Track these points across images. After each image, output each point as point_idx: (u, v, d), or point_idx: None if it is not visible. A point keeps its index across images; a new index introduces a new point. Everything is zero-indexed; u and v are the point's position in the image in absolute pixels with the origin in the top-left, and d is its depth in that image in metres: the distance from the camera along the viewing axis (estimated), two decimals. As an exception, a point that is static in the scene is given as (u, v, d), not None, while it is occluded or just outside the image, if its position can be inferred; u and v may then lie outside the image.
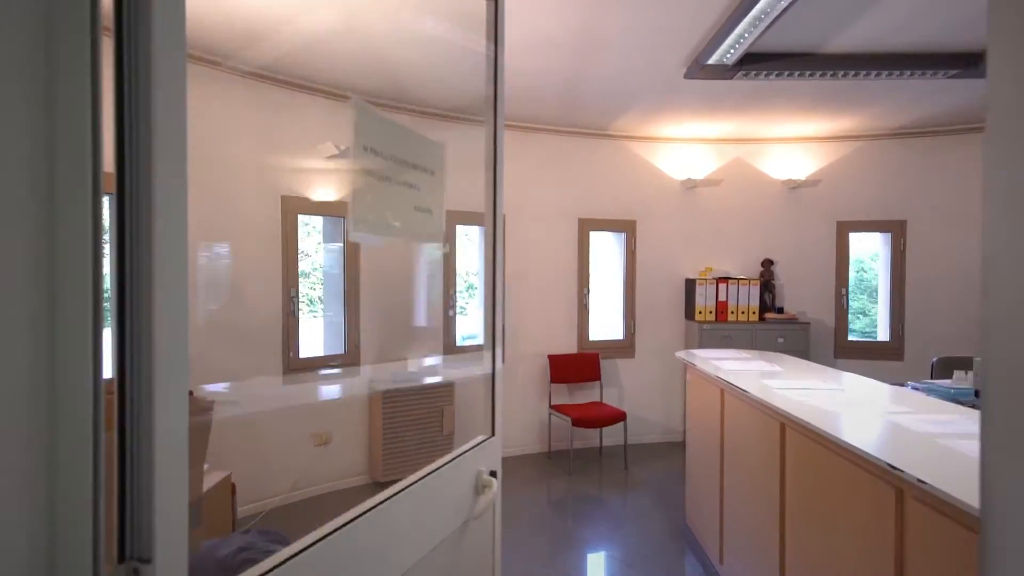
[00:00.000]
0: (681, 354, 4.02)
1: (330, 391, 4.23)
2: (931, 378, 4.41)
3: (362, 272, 4.39)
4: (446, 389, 4.57)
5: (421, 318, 4.73)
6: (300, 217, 3.99)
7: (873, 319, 5.83)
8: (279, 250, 3.87)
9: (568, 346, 5.39)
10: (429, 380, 4.54)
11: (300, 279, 4.06)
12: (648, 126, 5.26)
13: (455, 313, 4.87)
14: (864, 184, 5.44)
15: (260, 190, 3.84)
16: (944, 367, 4.43)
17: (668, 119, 5.03)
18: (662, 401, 5.65)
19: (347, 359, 4.31)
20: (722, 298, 5.35)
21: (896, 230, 5.38)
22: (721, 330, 5.26)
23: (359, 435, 4.41)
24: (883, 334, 5.50)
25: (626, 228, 5.50)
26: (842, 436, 1.91)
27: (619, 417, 4.86)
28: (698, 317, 5.34)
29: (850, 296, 5.57)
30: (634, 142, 5.48)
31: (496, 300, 1.52)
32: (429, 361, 4.77)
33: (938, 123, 5.04)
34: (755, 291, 5.34)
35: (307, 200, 4.04)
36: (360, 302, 4.39)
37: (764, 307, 5.44)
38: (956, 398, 3.18)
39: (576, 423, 4.74)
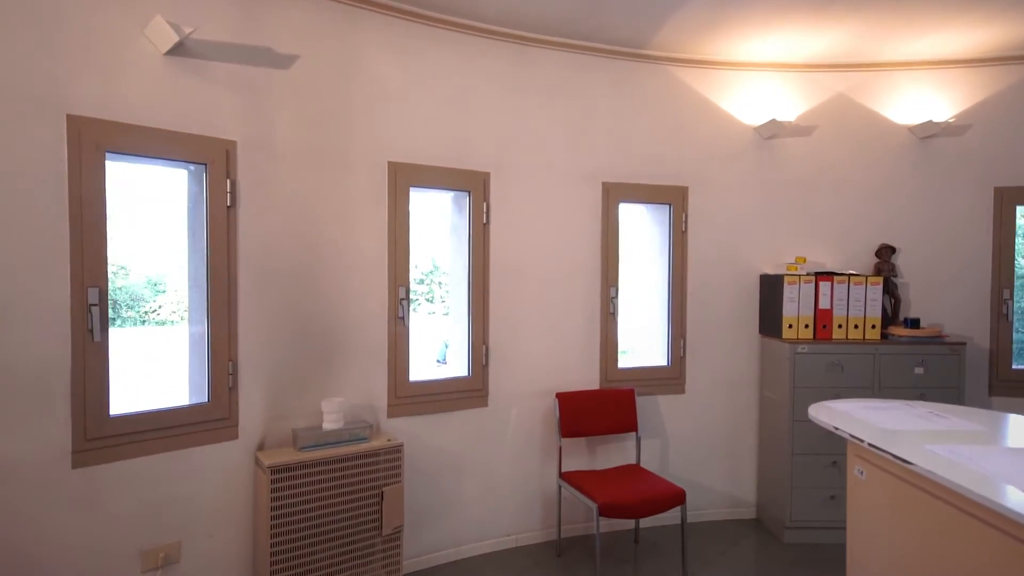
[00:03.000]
0: (826, 417, 2.17)
1: (176, 469, 2.37)
2: None
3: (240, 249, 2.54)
4: (390, 457, 2.72)
5: (350, 329, 2.87)
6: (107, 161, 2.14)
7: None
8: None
9: (587, 378, 3.52)
10: (357, 443, 2.67)
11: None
12: (706, 42, 3.41)
13: (405, 315, 3.01)
14: (1038, 130, 3.57)
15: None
16: None
17: (735, 31, 3.19)
18: (727, 459, 3.76)
19: (213, 411, 2.46)
20: (824, 304, 3.47)
21: (1089, 200, 3.51)
22: (825, 353, 3.39)
23: (232, 543, 2.54)
24: (1064, 359, 3.62)
25: (673, 199, 3.64)
26: None
27: (674, 500, 2.99)
28: (787, 334, 3.47)
29: (1015, 302, 3.68)
30: (683, 67, 3.63)
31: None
32: (359, 405, 2.90)
33: None
34: (876, 293, 3.47)
35: (117, 126, 2.19)
36: (240, 306, 2.54)
37: (886, 318, 3.56)
38: None
39: (606, 511, 2.86)
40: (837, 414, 2.23)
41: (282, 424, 2.66)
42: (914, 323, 3.48)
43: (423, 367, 3.52)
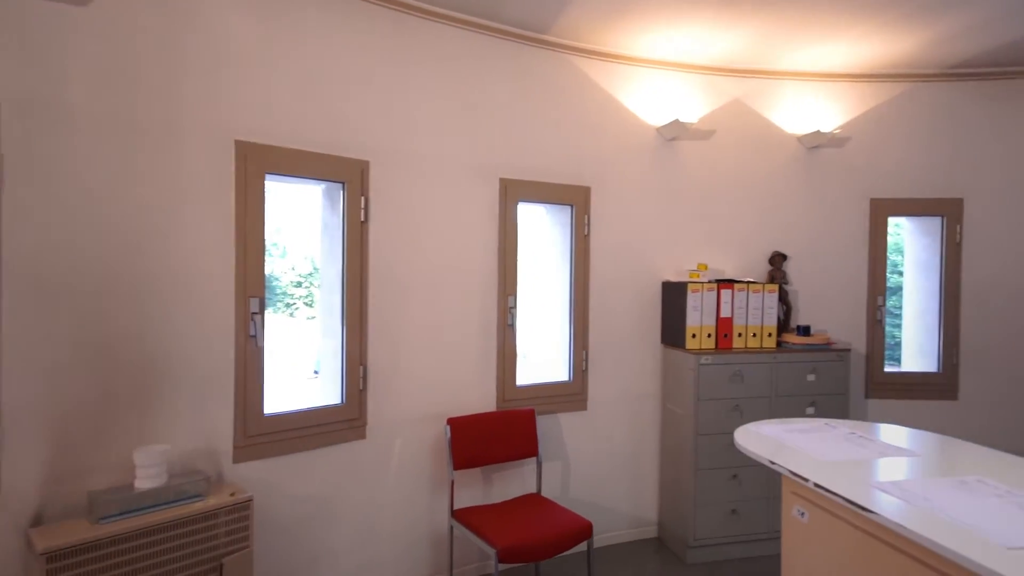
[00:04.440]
0: (756, 446, 1.93)
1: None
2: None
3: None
4: (234, 516, 2.13)
5: (181, 354, 2.23)
6: None
7: (898, 340, 4.24)
8: None
9: (482, 399, 3.12)
10: (188, 503, 2.05)
11: None
12: (609, 32, 3.16)
13: (258, 333, 2.41)
14: (910, 145, 3.74)
15: None
16: None
17: (638, 23, 2.96)
18: (629, 477, 3.55)
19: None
20: (725, 313, 3.36)
21: (950, 212, 3.73)
22: (727, 364, 3.26)
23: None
24: (927, 362, 3.83)
25: (575, 199, 3.35)
26: None
27: (581, 534, 2.67)
28: (691, 344, 3.31)
29: (887, 308, 3.82)
30: (587, 59, 3.35)
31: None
32: (194, 452, 2.27)
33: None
34: (772, 301, 3.42)
35: None
36: (2, 332, 1.83)
37: (780, 326, 3.53)
38: None
39: (506, 557, 2.47)
40: (765, 441, 2.02)
41: (74, 486, 1.96)
42: (805, 330, 3.47)
43: (291, 391, 2.91)
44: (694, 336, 3.30)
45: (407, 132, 2.85)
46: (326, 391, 2.73)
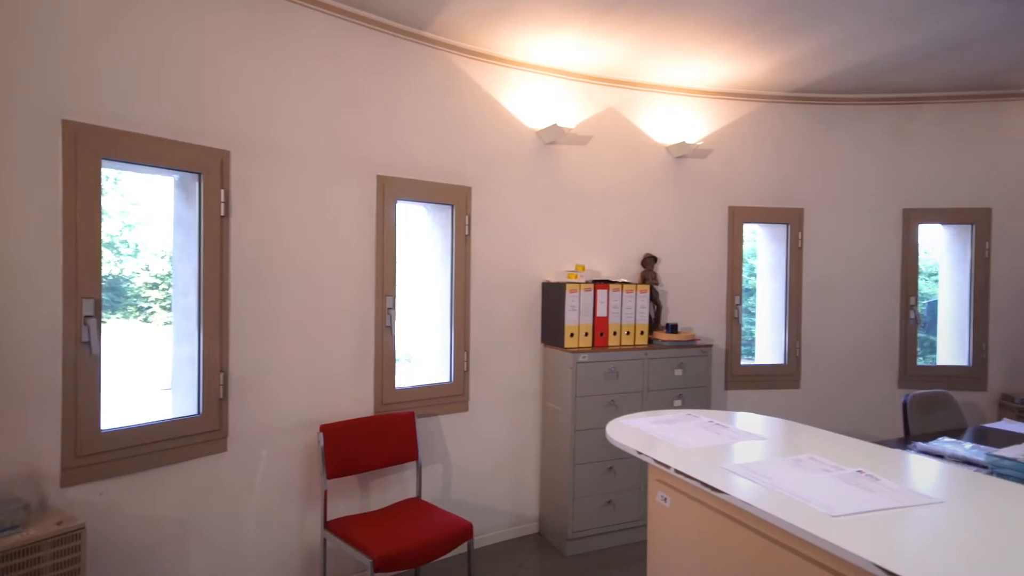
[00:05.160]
0: (622, 437, 2.01)
1: None
2: (906, 424, 3.10)
3: None
4: (61, 548, 1.88)
5: (-3, 374, 1.92)
6: None
7: (753, 336, 4.65)
8: None
9: (359, 404, 3.00)
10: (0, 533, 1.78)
11: None
12: (489, 34, 3.18)
13: (92, 339, 2.14)
14: (761, 159, 4.11)
15: None
16: (927, 411, 3.16)
17: (519, 26, 3.02)
18: (511, 476, 3.58)
19: None
20: (601, 312, 3.49)
21: (793, 220, 4.15)
22: (603, 361, 3.39)
23: None
24: (776, 356, 4.23)
25: (456, 199, 3.33)
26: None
27: (461, 536, 2.65)
28: (569, 343, 3.40)
29: (743, 307, 4.18)
30: (468, 59, 3.35)
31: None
32: (11, 476, 1.97)
33: (864, 87, 3.91)
34: (644, 301, 3.61)
35: None
36: None
37: (651, 324, 3.74)
38: None
39: (382, 565, 2.38)
40: (633, 433, 2.11)
41: None
42: (673, 328, 3.70)
43: (142, 404, 2.63)
44: (572, 335, 3.40)
45: (275, 122, 2.67)
46: (180, 402, 2.49)
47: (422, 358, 3.48)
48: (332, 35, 2.85)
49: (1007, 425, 3.01)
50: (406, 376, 3.42)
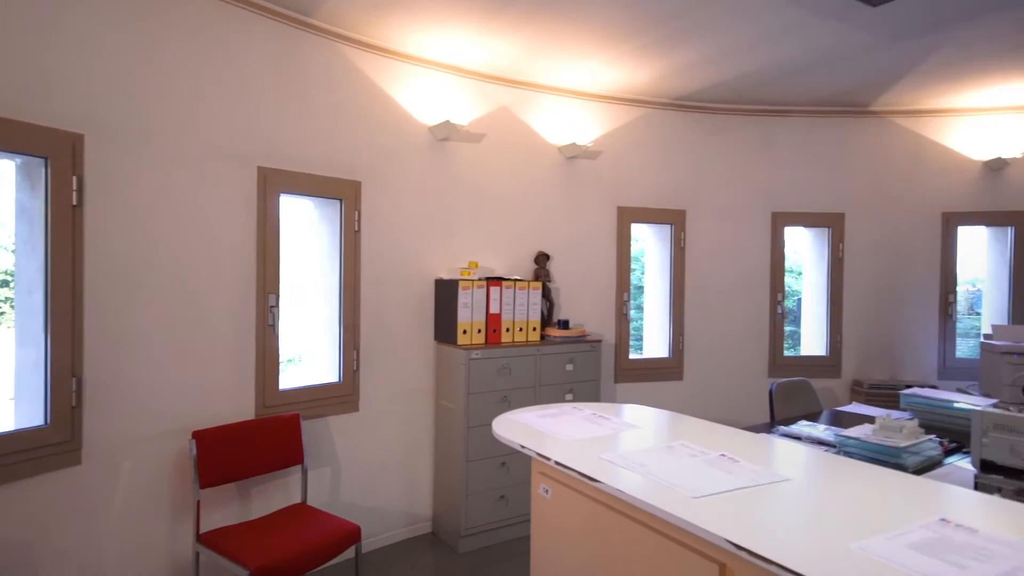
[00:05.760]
0: (508, 432, 2.03)
1: None
2: (772, 410, 3.38)
3: None
4: None
5: None
6: None
7: (642, 331, 4.87)
8: None
9: (239, 407, 2.83)
10: None
11: None
12: (380, 26, 3.11)
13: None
14: (647, 162, 4.32)
15: None
16: (789, 397, 3.44)
17: (410, 20, 2.97)
18: (404, 476, 3.52)
19: None
20: (494, 309, 3.52)
21: (677, 221, 4.40)
22: (496, 358, 3.43)
23: None
24: (662, 349, 4.47)
25: (345, 194, 3.23)
26: None
27: (348, 539, 2.57)
28: (462, 340, 3.40)
29: (631, 303, 4.37)
30: (359, 51, 3.26)
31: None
32: None
33: (739, 97, 4.20)
34: (536, 298, 3.68)
35: None
36: None
37: (543, 321, 3.82)
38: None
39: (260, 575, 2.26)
40: (519, 427, 2.15)
41: None
42: (565, 324, 3.81)
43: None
44: (465, 332, 3.40)
45: (140, 105, 2.46)
46: (25, 411, 2.23)
47: (311, 358, 3.35)
48: (213, 18, 2.67)
49: (856, 408, 3.36)
50: (294, 377, 3.28)
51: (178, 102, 2.58)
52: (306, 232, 3.33)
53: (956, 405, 2.75)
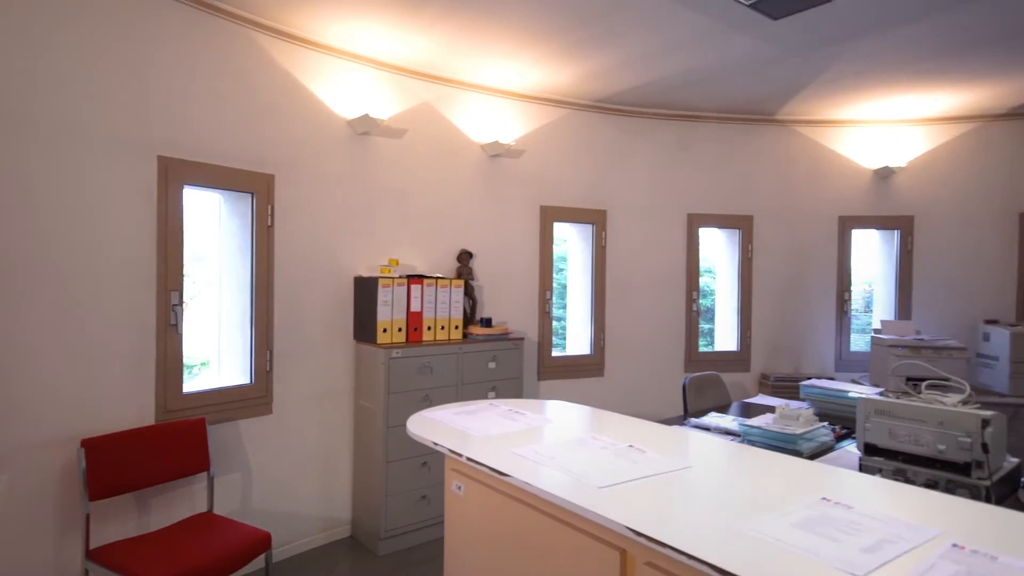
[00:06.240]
0: (421, 430, 2.00)
1: None
2: (685, 402, 3.51)
3: None
4: None
5: None
6: None
7: (565, 328, 4.95)
8: None
9: (136, 412, 2.65)
10: None
11: None
12: (295, 14, 3.00)
13: None
14: (568, 162, 4.39)
15: None
16: (701, 390, 3.59)
17: (327, 10, 2.89)
18: (321, 480, 3.41)
19: None
20: (415, 307, 3.48)
21: (598, 221, 4.50)
22: (417, 356, 3.38)
23: None
24: (584, 346, 4.56)
25: (256, 187, 3.09)
26: None
27: (257, 548, 2.46)
28: (382, 338, 3.34)
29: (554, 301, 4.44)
30: (272, 38, 3.13)
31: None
32: None
33: (656, 102, 4.34)
34: (458, 295, 3.66)
35: None
36: None
37: (466, 319, 3.81)
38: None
39: (157, 592, 2.12)
40: (434, 425, 2.13)
41: None
42: (487, 322, 3.81)
43: None
44: (385, 331, 3.34)
45: (19, 85, 2.25)
46: None
47: (221, 360, 3.18)
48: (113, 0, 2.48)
49: (762, 399, 3.55)
50: (203, 380, 3.11)
51: (68, 87, 2.38)
52: (215, 227, 3.16)
53: (849, 394, 2.96)
